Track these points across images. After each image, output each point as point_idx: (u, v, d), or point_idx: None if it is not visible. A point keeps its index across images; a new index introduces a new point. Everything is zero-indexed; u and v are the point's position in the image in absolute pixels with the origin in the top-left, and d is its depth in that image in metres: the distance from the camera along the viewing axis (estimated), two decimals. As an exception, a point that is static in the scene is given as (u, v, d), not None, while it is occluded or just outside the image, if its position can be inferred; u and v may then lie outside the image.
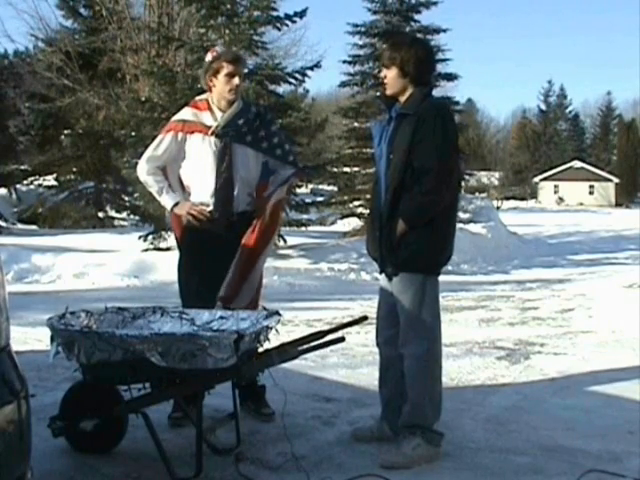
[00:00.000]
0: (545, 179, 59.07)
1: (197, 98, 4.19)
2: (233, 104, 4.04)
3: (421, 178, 3.49)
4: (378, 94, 16.30)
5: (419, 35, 17.19)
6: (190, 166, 4.07)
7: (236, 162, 4.00)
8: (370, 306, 7.00)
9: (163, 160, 4.09)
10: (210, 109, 4.06)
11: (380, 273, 3.76)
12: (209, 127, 4.01)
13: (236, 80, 3.98)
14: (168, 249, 12.35)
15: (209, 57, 4.09)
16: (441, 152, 3.50)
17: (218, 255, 3.94)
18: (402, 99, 3.66)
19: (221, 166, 3.98)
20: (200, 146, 4.01)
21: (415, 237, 3.53)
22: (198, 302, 3.86)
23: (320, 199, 17.15)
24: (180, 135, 4.05)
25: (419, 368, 3.57)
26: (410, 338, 3.58)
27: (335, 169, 17.76)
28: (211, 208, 4.00)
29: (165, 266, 9.98)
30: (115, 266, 10.77)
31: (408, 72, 3.61)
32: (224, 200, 3.99)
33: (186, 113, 4.12)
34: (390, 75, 3.66)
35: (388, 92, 3.72)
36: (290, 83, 13.88)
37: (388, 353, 3.74)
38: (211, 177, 3.99)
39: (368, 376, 4.88)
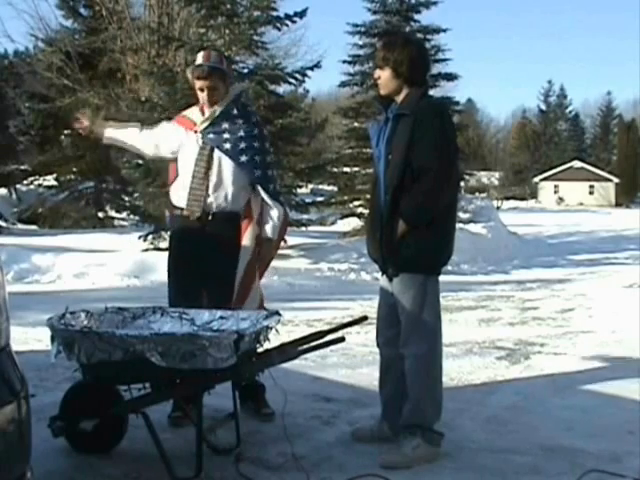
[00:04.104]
0: (545, 179, 59.08)
1: None
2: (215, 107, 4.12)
3: (421, 178, 3.48)
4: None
5: (419, 35, 17.19)
6: (177, 160, 4.20)
7: (213, 165, 4.06)
8: (370, 306, 6.99)
9: (156, 134, 4.26)
10: (202, 109, 4.17)
11: (382, 274, 3.76)
12: (195, 124, 4.13)
13: (204, 94, 4.07)
14: (168, 249, 12.32)
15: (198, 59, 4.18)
16: (441, 151, 3.50)
17: (195, 254, 4.07)
18: (398, 99, 3.66)
19: (197, 166, 4.06)
20: (185, 142, 4.14)
21: (416, 237, 3.52)
22: (180, 299, 3.95)
23: (320, 199, 17.16)
24: (177, 125, 4.22)
25: (420, 368, 3.57)
26: (411, 338, 3.58)
27: (335, 169, 17.75)
28: (184, 204, 4.08)
29: (165, 266, 9.95)
30: (115, 266, 10.76)
31: (402, 73, 3.60)
32: (196, 199, 4.06)
33: (188, 110, 4.30)
34: (384, 76, 3.65)
35: (382, 92, 3.72)
36: (290, 83, 13.87)
37: (388, 353, 3.74)
38: (188, 174, 4.08)
39: (368, 376, 4.87)
